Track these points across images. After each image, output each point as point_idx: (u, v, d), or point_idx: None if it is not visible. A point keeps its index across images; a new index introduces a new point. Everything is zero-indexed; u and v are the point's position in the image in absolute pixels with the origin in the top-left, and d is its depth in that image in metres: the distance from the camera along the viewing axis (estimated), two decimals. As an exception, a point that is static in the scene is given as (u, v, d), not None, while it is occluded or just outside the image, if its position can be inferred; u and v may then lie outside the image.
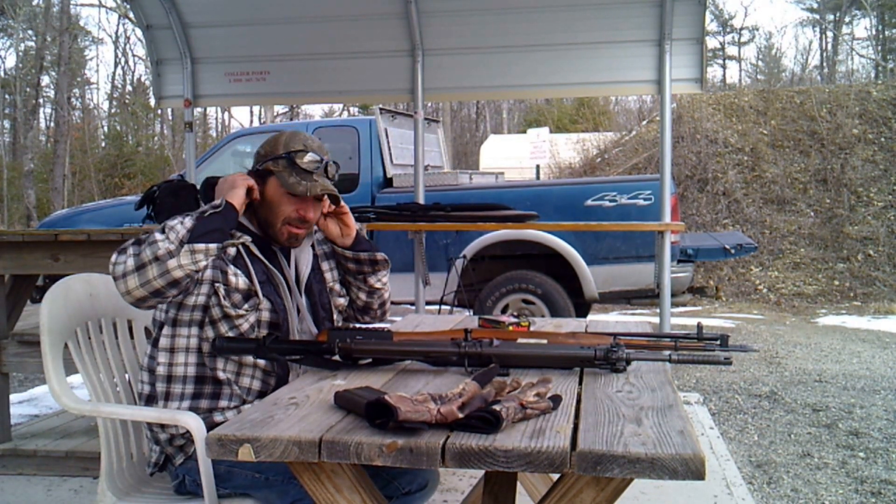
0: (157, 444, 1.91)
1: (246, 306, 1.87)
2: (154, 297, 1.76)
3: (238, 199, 1.88)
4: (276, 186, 1.95)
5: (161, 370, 1.89)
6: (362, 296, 2.14)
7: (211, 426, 1.62)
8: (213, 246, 1.78)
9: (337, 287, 2.13)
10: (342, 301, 2.14)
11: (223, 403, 1.88)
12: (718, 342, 1.84)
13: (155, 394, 1.91)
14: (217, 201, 1.85)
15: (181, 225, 1.76)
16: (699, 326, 1.89)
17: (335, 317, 2.09)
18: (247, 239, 1.91)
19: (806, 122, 12.10)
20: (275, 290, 1.93)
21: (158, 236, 1.73)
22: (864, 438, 4.19)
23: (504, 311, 5.73)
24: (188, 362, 1.88)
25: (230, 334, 1.87)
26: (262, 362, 1.89)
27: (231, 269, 1.88)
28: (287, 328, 1.94)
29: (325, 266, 2.12)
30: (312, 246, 2.09)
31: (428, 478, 1.97)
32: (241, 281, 1.87)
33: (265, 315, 1.90)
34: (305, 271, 2.03)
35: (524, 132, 19.23)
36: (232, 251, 1.90)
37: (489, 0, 4.77)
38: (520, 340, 1.90)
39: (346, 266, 2.11)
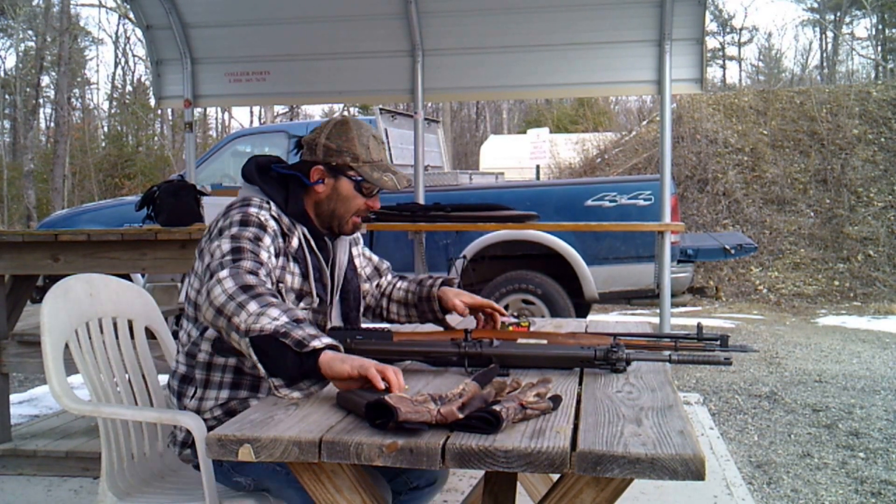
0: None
1: (301, 305, 1.87)
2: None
3: (337, 377, 1.47)
4: (353, 181, 1.95)
5: (202, 357, 1.87)
6: (372, 303, 2.22)
7: None
8: (262, 370, 1.54)
9: (362, 273, 2.19)
10: (367, 286, 2.19)
11: (262, 395, 1.87)
12: (718, 342, 1.83)
13: (193, 376, 1.88)
14: (314, 345, 1.48)
15: (269, 321, 1.52)
16: (699, 327, 1.89)
17: (361, 304, 2.12)
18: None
19: (806, 123, 12.10)
20: (323, 288, 1.93)
21: (252, 307, 1.54)
22: (864, 439, 4.19)
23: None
24: (227, 359, 1.86)
25: None
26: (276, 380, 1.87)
27: (290, 266, 1.87)
28: (325, 325, 1.93)
29: (354, 252, 2.16)
30: None
31: (437, 474, 1.97)
32: (296, 280, 1.87)
33: (310, 314, 1.91)
34: (344, 260, 2.05)
35: (524, 132, 19.25)
36: (294, 244, 1.90)
37: (489, 0, 4.77)
38: (520, 340, 1.91)
39: (403, 305, 2.16)
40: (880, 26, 26.87)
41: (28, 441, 3.59)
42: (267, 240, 1.80)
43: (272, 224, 1.84)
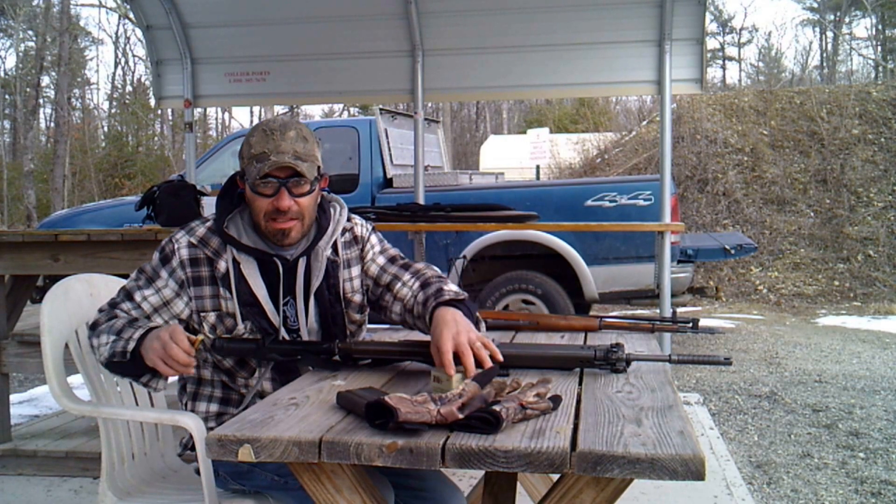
0: None
1: (245, 331, 1.82)
2: None
3: (153, 360, 1.67)
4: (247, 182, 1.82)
5: (191, 371, 1.89)
6: (397, 320, 1.95)
7: None
8: (134, 382, 1.81)
9: (357, 298, 1.94)
10: (358, 317, 1.95)
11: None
12: (690, 325, 2.04)
13: (185, 389, 1.93)
14: (130, 345, 1.69)
15: (105, 349, 1.74)
16: (673, 311, 2.14)
17: (350, 329, 1.94)
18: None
19: (806, 123, 12.10)
20: (260, 314, 1.83)
21: (95, 342, 1.78)
22: (864, 439, 4.19)
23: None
24: (213, 374, 1.88)
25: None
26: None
27: (222, 291, 1.82)
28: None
29: (345, 275, 1.92)
30: (336, 248, 1.92)
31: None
32: (228, 304, 1.82)
33: (248, 337, 1.83)
34: (315, 282, 1.87)
35: (524, 132, 19.27)
36: (221, 268, 1.82)
37: (489, 0, 4.77)
38: (518, 340, 1.91)
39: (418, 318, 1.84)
40: (880, 26, 26.89)
41: (28, 441, 3.59)
42: (163, 273, 1.83)
43: (183, 253, 1.82)
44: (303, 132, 1.81)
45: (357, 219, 2.01)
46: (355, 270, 1.95)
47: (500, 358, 1.59)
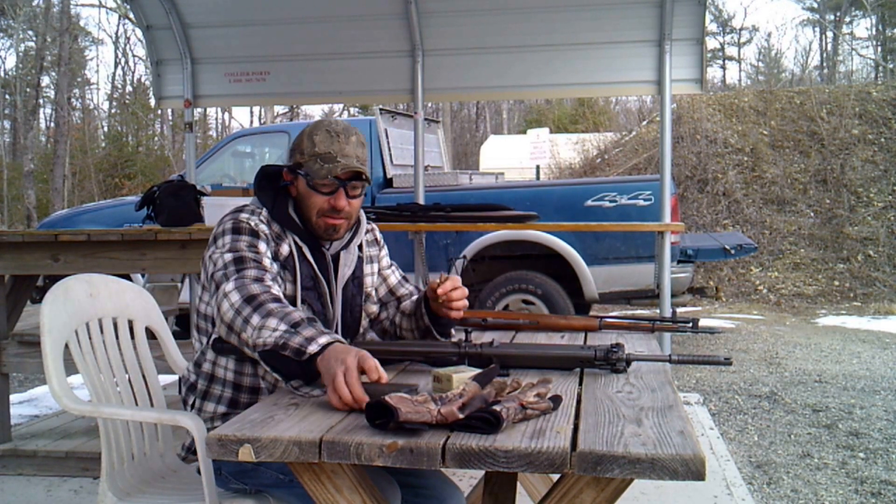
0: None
1: None
2: None
3: (330, 379, 1.45)
4: (304, 177, 1.87)
5: (206, 367, 1.89)
6: (388, 325, 2.08)
7: None
8: (278, 377, 1.61)
9: (373, 293, 2.07)
10: (374, 308, 2.07)
11: None
12: (690, 325, 2.04)
13: (196, 386, 1.91)
14: (311, 350, 1.52)
15: (269, 333, 1.57)
16: (673, 310, 2.13)
17: (363, 323, 2.03)
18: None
19: (806, 123, 12.10)
20: (318, 298, 1.87)
21: (255, 321, 1.60)
22: (864, 439, 4.19)
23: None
24: (228, 367, 1.86)
25: None
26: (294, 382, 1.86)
27: (283, 273, 1.84)
28: None
29: (367, 269, 2.04)
30: (361, 246, 2.02)
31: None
32: (287, 287, 1.83)
33: None
34: (347, 273, 1.96)
35: (524, 132, 19.28)
36: (284, 251, 1.86)
37: (489, 0, 4.77)
38: (518, 339, 1.91)
39: (407, 317, 2.01)
40: (880, 26, 26.91)
41: (28, 441, 3.59)
42: (262, 245, 1.80)
43: (263, 228, 1.84)
44: (360, 138, 1.90)
45: (371, 223, 2.14)
46: (375, 267, 2.09)
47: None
